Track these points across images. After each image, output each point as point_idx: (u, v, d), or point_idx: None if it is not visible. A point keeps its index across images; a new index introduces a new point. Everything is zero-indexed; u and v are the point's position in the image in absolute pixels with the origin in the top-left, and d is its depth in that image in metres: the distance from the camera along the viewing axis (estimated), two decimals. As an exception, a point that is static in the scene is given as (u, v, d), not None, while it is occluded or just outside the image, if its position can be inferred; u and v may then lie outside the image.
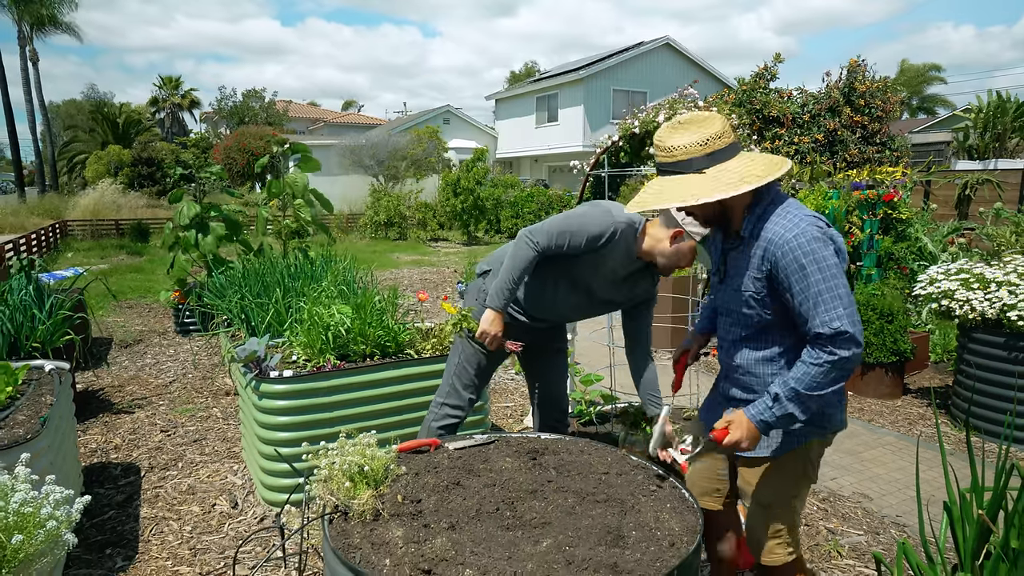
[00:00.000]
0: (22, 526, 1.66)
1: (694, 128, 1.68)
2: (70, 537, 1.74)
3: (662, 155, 1.71)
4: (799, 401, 1.62)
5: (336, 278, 4.03)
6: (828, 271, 1.59)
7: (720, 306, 1.89)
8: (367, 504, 1.66)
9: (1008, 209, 7.87)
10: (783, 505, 1.84)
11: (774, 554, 1.86)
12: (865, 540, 2.84)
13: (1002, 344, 3.76)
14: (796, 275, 1.61)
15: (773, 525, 1.85)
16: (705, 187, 1.63)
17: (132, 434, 4.04)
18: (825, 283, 1.59)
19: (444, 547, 1.51)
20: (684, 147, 1.66)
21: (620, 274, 2.38)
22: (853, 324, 1.58)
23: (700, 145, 1.65)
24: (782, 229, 1.64)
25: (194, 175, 6.94)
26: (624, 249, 2.31)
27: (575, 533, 1.58)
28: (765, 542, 1.87)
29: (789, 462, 1.79)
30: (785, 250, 1.62)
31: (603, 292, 2.43)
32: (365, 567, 1.44)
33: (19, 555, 1.63)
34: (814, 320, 1.59)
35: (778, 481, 1.81)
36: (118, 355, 5.92)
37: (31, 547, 1.65)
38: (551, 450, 2.06)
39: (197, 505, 3.15)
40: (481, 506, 1.70)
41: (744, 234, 1.73)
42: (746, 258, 1.73)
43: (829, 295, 1.58)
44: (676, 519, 1.66)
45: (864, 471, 3.55)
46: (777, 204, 1.70)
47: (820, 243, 1.61)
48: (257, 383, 2.98)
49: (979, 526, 1.67)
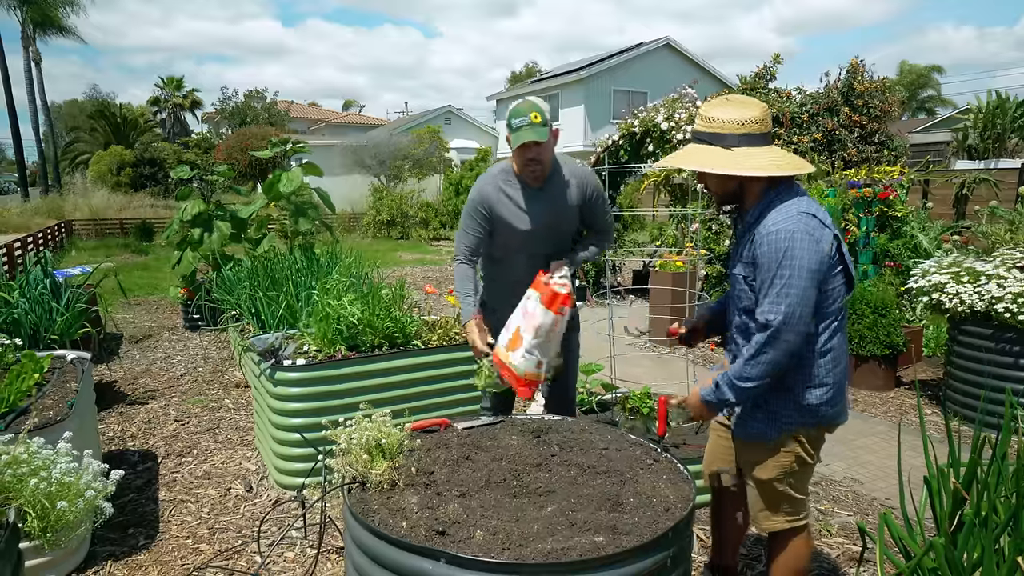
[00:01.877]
0: (63, 495, 1.79)
1: (737, 106, 1.81)
2: (107, 505, 1.86)
3: (701, 124, 1.86)
4: (732, 388, 1.81)
5: (345, 272, 4.16)
6: (792, 268, 1.69)
7: (731, 291, 2.05)
8: (384, 475, 1.78)
9: (1004, 208, 7.97)
10: (775, 482, 1.96)
11: (770, 522, 2.00)
12: (854, 520, 2.96)
13: (990, 336, 3.88)
14: (764, 263, 1.74)
15: (767, 499, 1.99)
16: (723, 161, 1.77)
17: (147, 423, 4.17)
18: (782, 279, 1.69)
19: (456, 512, 1.63)
20: (722, 120, 1.79)
21: (525, 206, 2.49)
22: (787, 325, 1.68)
23: (737, 124, 1.78)
24: (771, 220, 1.76)
25: (201, 176, 7.07)
26: (502, 186, 2.50)
27: (577, 500, 1.70)
28: (758, 512, 2.02)
29: (778, 446, 1.92)
30: (767, 240, 1.74)
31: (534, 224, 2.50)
32: (384, 529, 1.57)
33: (61, 520, 1.76)
34: (760, 308, 1.74)
35: (769, 461, 1.94)
36: (129, 349, 6.05)
37: (72, 514, 1.78)
38: (554, 429, 2.19)
39: (213, 489, 3.28)
40: (490, 477, 1.82)
41: (749, 220, 1.85)
42: (746, 246, 1.85)
43: (781, 290, 1.69)
44: (671, 488, 1.78)
45: (856, 458, 3.67)
46: (787, 198, 1.79)
47: (799, 239, 1.70)
48: (272, 371, 3.11)
49: (954, 496, 1.79)
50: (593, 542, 1.49)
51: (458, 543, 1.50)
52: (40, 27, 28.00)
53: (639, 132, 7.64)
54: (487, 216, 2.51)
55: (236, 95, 35.82)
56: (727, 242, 6.44)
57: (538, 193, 2.50)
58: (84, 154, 33.09)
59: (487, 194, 2.51)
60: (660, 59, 26.01)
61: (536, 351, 2.29)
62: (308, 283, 4.26)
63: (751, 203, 1.86)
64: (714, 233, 6.58)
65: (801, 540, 2.01)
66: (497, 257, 2.64)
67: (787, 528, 1.99)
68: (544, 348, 2.31)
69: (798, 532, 2.00)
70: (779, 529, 2.00)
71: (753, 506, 2.04)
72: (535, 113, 2.32)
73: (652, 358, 6.07)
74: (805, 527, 2.02)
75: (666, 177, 8.89)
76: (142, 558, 2.66)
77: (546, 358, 2.33)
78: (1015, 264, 4.05)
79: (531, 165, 2.39)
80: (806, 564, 2.03)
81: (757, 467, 1.97)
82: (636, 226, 12.52)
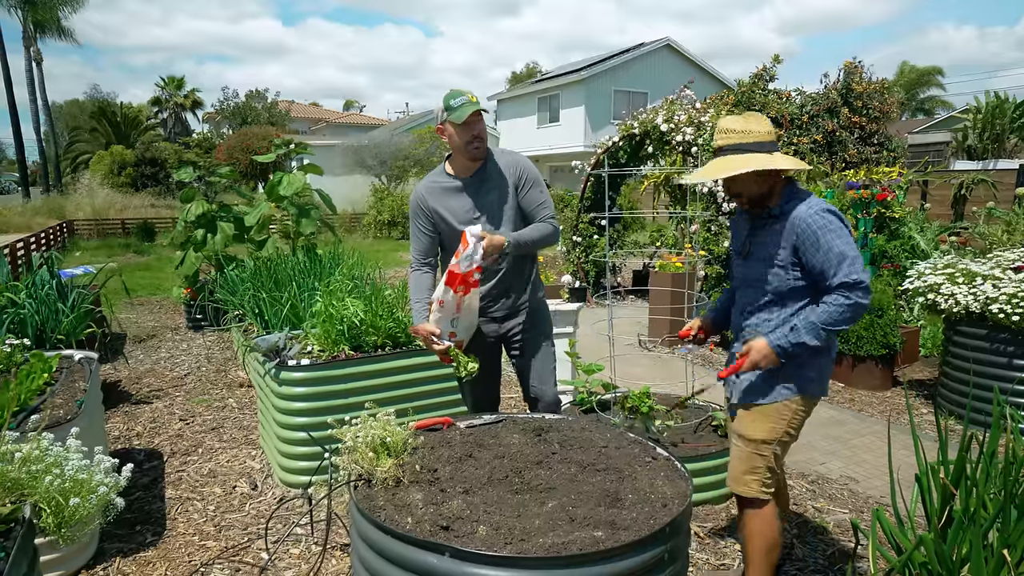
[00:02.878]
0: (77, 491, 1.84)
1: (762, 119, 2.14)
2: (119, 501, 1.91)
3: (739, 136, 2.10)
4: (814, 332, 2.00)
5: (348, 272, 4.21)
6: (842, 235, 2.00)
7: (743, 279, 2.27)
8: (390, 472, 1.83)
9: (1001, 208, 8.02)
10: (764, 443, 2.16)
11: (747, 486, 2.19)
12: (849, 517, 3.01)
13: (984, 336, 3.93)
14: (814, 241, 2.01)
15: (750, 461, 2.19)
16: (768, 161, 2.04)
17: (152, 422, 4.22)
18: (841, 245, 1.99)
19: (460, 508, 1.68)
20: (758, 132, 2.09)
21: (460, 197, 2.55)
22: (866, 276, 1.99)
23: (769, 133, 2.11)
24: (804, 208, 2.07)
25: (204, 177, 7.12)
26: (437, 179, 2.61)
27: (577, 496, 1.75)
28: (740, 474, 2.20)
29: (773, 412, 2.15)
30: (807, 222, 2.03)
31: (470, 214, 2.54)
32: (390, 524, 1.61)
33: (75, 516, 1.80)
34: (837, 274, 1.98)
35: (762, 424, 2.16)
36: (133, 349, 6.10)
37: (85, 509, 1.83)
38: (555, 428, 2.24)
39: (219, 487, 3.32)
40: (492, 474, 1.87)
41: (775, 213, 2.13)
42: (776, 233, 2.12)
43: (847, 254, 1.98)
44: (669, 485, 1.83)
45: (852, 456, 3.72)
46: (805, 194, 2.14)
47: (833, 216, 2.04)
48: (277, 371, 3.15)
49: (942, 491, 1.84)
50: (593, 537, 1.53)
51: (462, 538, 1.55)
52: (40, 28, 28.07)
53: (638, 134, 7.68)
54: (427, 214, 2.59)
55: (237, 95, 35.89)
56: (726, 243, 6.49)
57: (471, 183, 2.55)
58: (85, 154, 33.16)
59: (421, 192, 2.61)
60: (660, 59, 26.06)
61: (441, 323, 2.44)
62: (311, 284, 4.31)
63: (775, 200, 2.15)
64: (713, 234, 6.63)
65: (770, 508, 2.20)
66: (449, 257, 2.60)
67: (760, 496, 2.17)
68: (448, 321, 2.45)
69: (766, 502, 2.19)
70: (753, 495, 2.18)
71: (735, 468, 2.23)
72: (471, 95, 2.47)
73: (651, 358, 6.12)
74: (771, 500, 2.21)
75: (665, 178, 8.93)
76: (150, 554, 2.71)
77: (456, 331, 2.48)
78: (1010, 265, 4.09)
79: (475, 142, 2.46)
80: (775, 534, 2.21)
81: (752, 426, 2.16)
82: (636, 227, 12.57)
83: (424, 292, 2.59)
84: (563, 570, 1.45)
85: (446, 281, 2.35)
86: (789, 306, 2.14)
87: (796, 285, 2.11)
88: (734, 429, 2.25)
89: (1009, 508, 1.67)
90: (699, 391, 3.30)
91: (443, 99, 2.49)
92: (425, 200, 2.59)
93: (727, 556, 2.72)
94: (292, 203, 6.02)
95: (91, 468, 1.90)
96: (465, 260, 2.30)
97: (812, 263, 2.04)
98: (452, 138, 2.50)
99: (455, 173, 2.58)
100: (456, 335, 2.48)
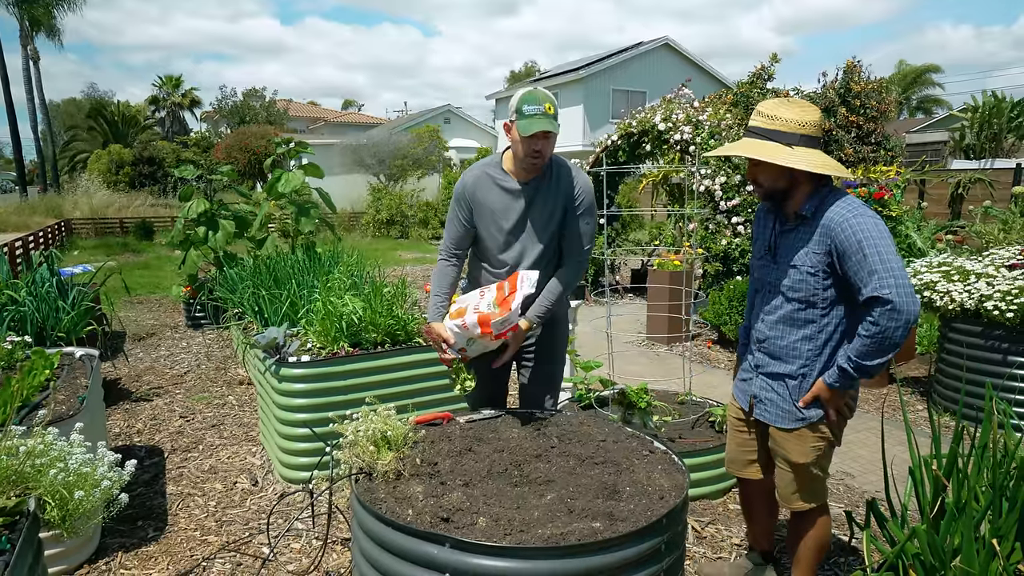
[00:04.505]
0: (81, 484, 1.86)
1: (800, 108, 1.95)
2: (123, 497, 1.93)
3: (764, 121, 1.96)
4: (861, 370, 1.87)
5: (347, 271, 4.23)
6: (883, 244, 1.81)
7: (768, 282, 2.14)
8: (390, 465, 1.85)
9: (997, 207, 8.06)
10: (810, 466, 2.10)
11: (800, 503, 2.15)
12: (844, 511, 3.04)
13: (979, 333, 3.96)
14: (854, 248, 1.84)
15: (799, 481, 2.13)
16: (788, 157, 1.90)
17: (153, 420, 4.23)
18: (879, 255, 1.80)
19: (460, 500, 1.71)
20: (785, 119, 1.93)
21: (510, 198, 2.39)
22: (899, 295, 1.76)
23: (799, 124, 1.93)
24: (842, 210, 1.90)
25: (204, 175, 7.14)
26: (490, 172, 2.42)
27: (576, 488, 1.77)
28: (789, 494, 2.16)
29: (811, 432, 2.07)
30: (845, 228, 1.86)
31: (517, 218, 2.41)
32: (391, 515, 1.64)
33: (79, 510, 1.83)
34: (867, 287, 1.81)
35: (801, 447, 2.09)
36: (133, 347, 6.11)
37: (89, 503, 1.85)
38: (554, 422, 2.26)
39: (219, 483, 3.35)
40: (492, 467, 1.90)
41: (806, 214, 1.98)
42: (806, 236, 1.97)
43: (881, 266, 1.79)
44: (666, 478, 1.85)
45: (848, 452, 3.75)
46: (838, 194, 1.97)
47: (875, 221, 1.86)
48: (277, 368, 3.18)
49: (935, 483, 1.86)
50: (591, 527, 1.56)
51: (462, 529, 1.57)
52: (36, 26, 28.00)
53: (637, 133, 7.71)
54: (469, 205, 2.44)
55: (235, 94, 35.83)
56: (723, 241, 6.52)
57: (526, 190, 2.39)
58: (82, 153, 33.11)
59: (468, 181, 2.44)
60: (659, 59, 26.08)
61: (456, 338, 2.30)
62: (310, 282, 4.33)
63: (800, 199, 2.00)
64: (711, 232, 6.65)
65: (825, 516, 2.18)
66: (479, 255, 2.57)
67: (814, 507, 2.15)
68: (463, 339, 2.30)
69: (823, 510, 2.18)
70: (805, 509, 2.15)
71: (785, 488, 2.18)
72: (549, 104, 2.26)
73: (650, 355, 6.16)
74: (826, 504, 2.19)
75: (664, 177, 8.96)
76: (152, 549, 2.73)
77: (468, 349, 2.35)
78: (1004, 263, 4.12)
79: (535, 157, 2.29)
80: (829, 537, 2.21)
81: (793, 453, 2.10)
82: (635, 225, 12.59)
83: (447, 287, 2.49)
84: (562, 560, 1.48)
85: (478, 319, 2.22)
86: (815, 320, 2.00)
87: (826, 295, 1.97)
88: (776, 450, 2.17)
89: (1000, 500, 1.70)
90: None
91: (519, 97, 2.28)
92: (472, 191, 2.43)
93: (723, 549, 2.75)
94: (291, 202, 6.04)
95: (94, 462, 1.92)
96: (499, 323, 2.19)
97: (846, 271, 1.88)
98: (514, 142, 2.32)
99: (511, 172, 2.41)
100: (466, 351, 2.37)
